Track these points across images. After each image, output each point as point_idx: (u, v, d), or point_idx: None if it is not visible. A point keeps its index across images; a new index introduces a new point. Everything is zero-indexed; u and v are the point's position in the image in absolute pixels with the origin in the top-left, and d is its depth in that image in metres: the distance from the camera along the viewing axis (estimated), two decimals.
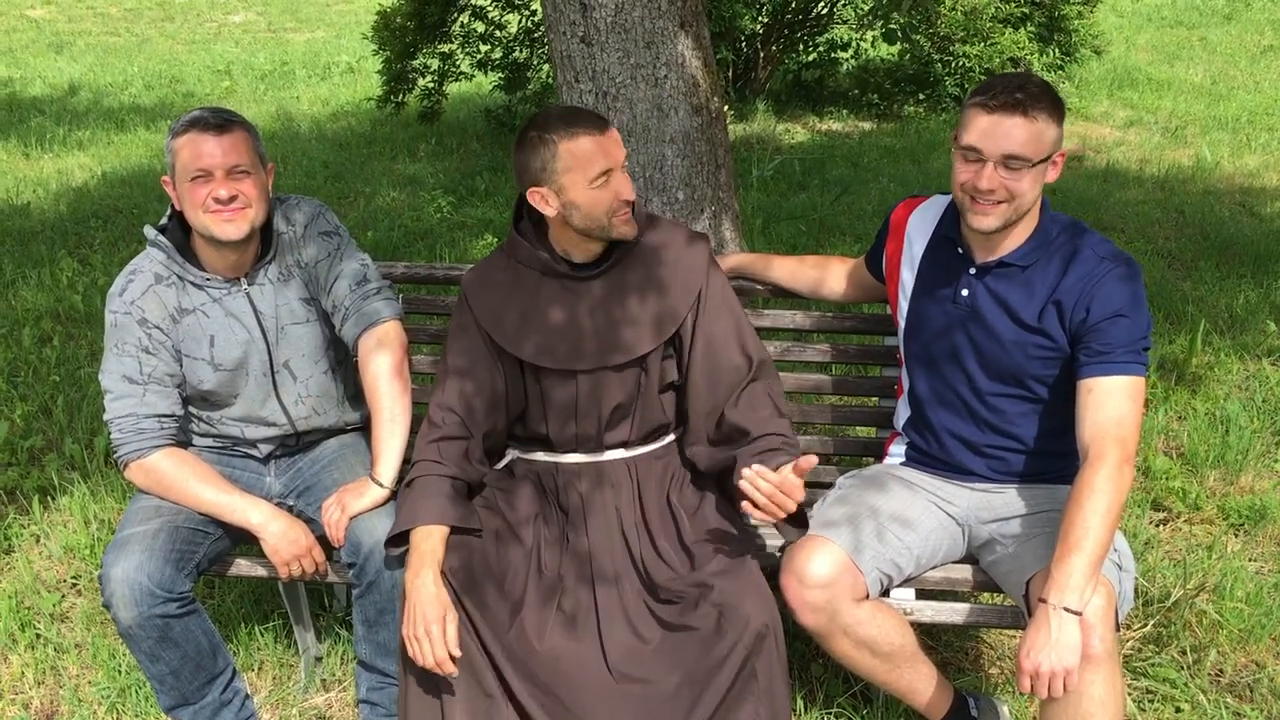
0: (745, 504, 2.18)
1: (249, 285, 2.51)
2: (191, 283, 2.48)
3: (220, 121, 2.36)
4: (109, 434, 2.47)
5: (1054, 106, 2.21)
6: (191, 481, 2.44)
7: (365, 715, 2.57)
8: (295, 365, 2.57)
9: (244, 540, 2.54)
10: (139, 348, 2.45)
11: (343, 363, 2.69)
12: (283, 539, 2.44)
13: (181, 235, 2.50)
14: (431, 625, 2.15)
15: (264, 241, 2.53)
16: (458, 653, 2.17)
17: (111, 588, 2.32)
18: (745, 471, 2.17)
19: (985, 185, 2.22)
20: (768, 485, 2.14)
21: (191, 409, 2.59)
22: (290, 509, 2.62)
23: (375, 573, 2.39)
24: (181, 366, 2.49)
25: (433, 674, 2.22)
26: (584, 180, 2.25)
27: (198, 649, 2.44)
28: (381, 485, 2.45)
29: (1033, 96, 2.17)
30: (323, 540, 2.51)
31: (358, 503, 2.43)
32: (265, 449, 2.65)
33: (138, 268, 2.49)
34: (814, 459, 2.13)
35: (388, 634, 2.45)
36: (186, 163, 2.34)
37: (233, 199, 2.35)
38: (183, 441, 2.54)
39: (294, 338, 2.56)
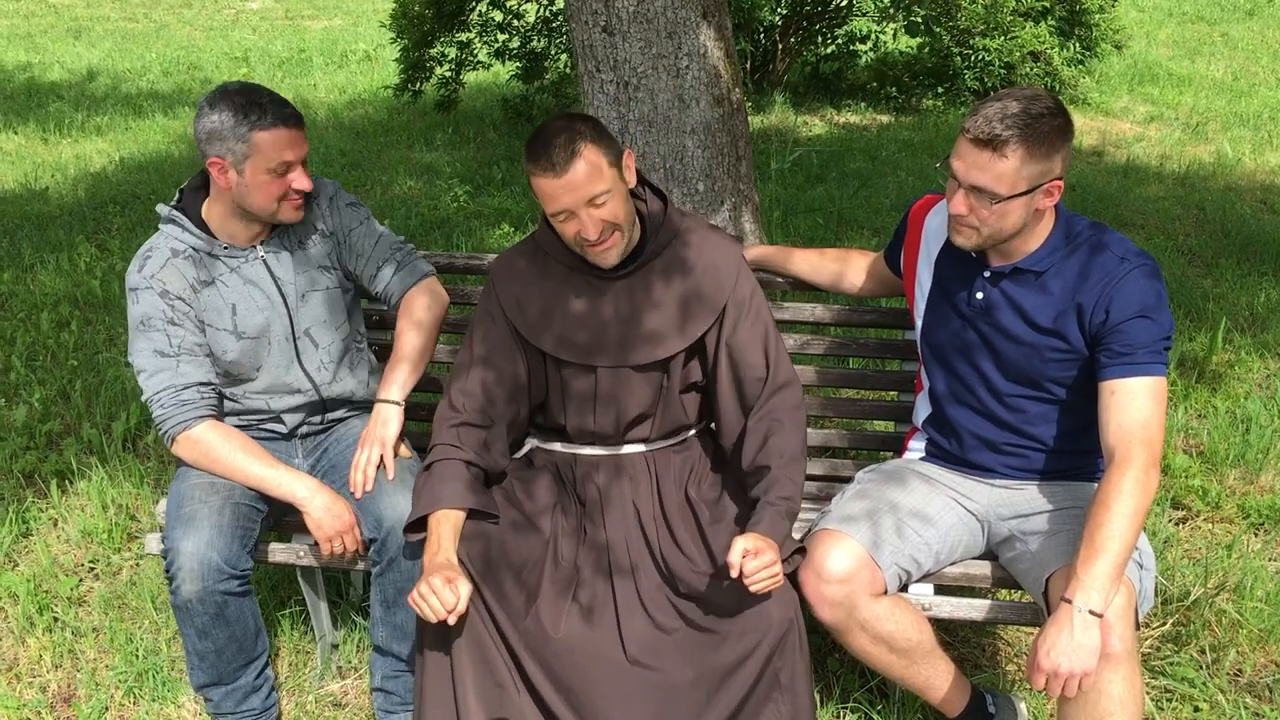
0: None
1: (264, 252, 2.54)
2: (208, 254, 2.51)
3: (296, 115, 2.44)
4: (151, 413, 2.49)
5: (1039, 142, 2.12)
6: (238, 454, 2.47)
7: (379, 704, 2.57)
8: (316, 333, 2.60)
9: (281, 519, 2.58)
10: (165, 320, 2.47)
11: (361, 336, 2.74)
12: (327, 514, 2.46)
13: (194, 211, 2.53)
14: (434, 578, 2.10)
15: None
16: (463, 605, 2.11)
17: (180, 561, 2.34)
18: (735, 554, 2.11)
19: (953, 210, 2.23)
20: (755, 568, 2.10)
21: (225, 402, 2.61)
22: None
23: (396, 549, 2.41)
24: (205, 337, 2.51)
25: (447, 661, 2.22)
26: (549, 210, 2.25)
27: (244, 630, 2.46)
28: (393, 402, 2.53)
29: (1014, 131, 2.10)
30: None
31: (385, 430, 2.50)
32: (292, 420, 2.66)
33: (153, 245, 2.52)
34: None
35: (405, 615, 2.46)
36: (271, 155, 2.38)
37: (300, 193, 2.47)
38: (220, 414, 2.56)
39: (314, 304, 2.59)
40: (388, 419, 2.53)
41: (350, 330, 2.69)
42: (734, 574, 2.10)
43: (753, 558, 2.09)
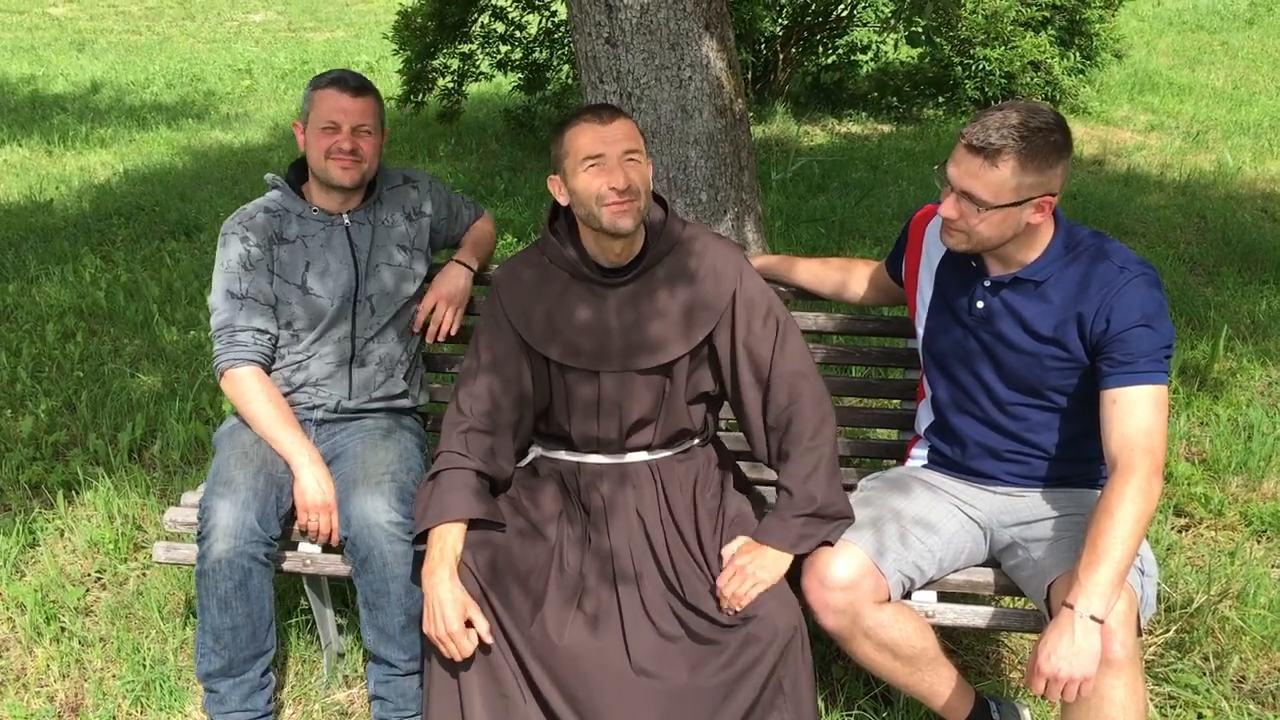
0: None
1: (349, 220, 2.76)
2: (298, 215, 2.74)
3: (358, 85, 2.69)
4: (212, 350, 2.71)
5: (1032, 156, 2.13)
6: (266, 403, 2.63)
7: (376, 712, 2.59)
8: (377, 301, 2.77)
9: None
10: (240, 264, 2.68)
11: (414, 334, 2.88)
12: (314, 485, 2.56)
13: (297, 180, 2.81)
14: (453, 626, 2.18)
15: (369, 189, 2.82)
16: (474, 644, 2.21)
17: (215, 520, 2.43)
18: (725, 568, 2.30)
19: (943, 213, 2.25)
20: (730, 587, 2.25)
21: (279, 344, 2.73)
22: None
23: (366, 549, 2.45)
24: (272, 286, 2.69)
25: (453, 671, 2.24)
26: (576, 164, 2.30)
27: (260, 613, 2.51)
28: (467, 265, 2.88)
29: (1009, 142, 2.11)
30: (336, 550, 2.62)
31: (454, 285, 2.84)
32: (318, 369, 2.75)
33: (252, 203, 2.78)
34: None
35: (385, 618, 2.49)
36: (322, 113, 2.65)
37: (352, 152, 2.66)
38: (269, 363, 2.71)
39: (383, 278, 2.77)
40: (458, 276, 2.86)
41: (406, 319, 2.84)
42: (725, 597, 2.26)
43: (734, 576, 2.26)
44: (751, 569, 2.25)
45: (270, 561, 2.52)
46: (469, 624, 2.20)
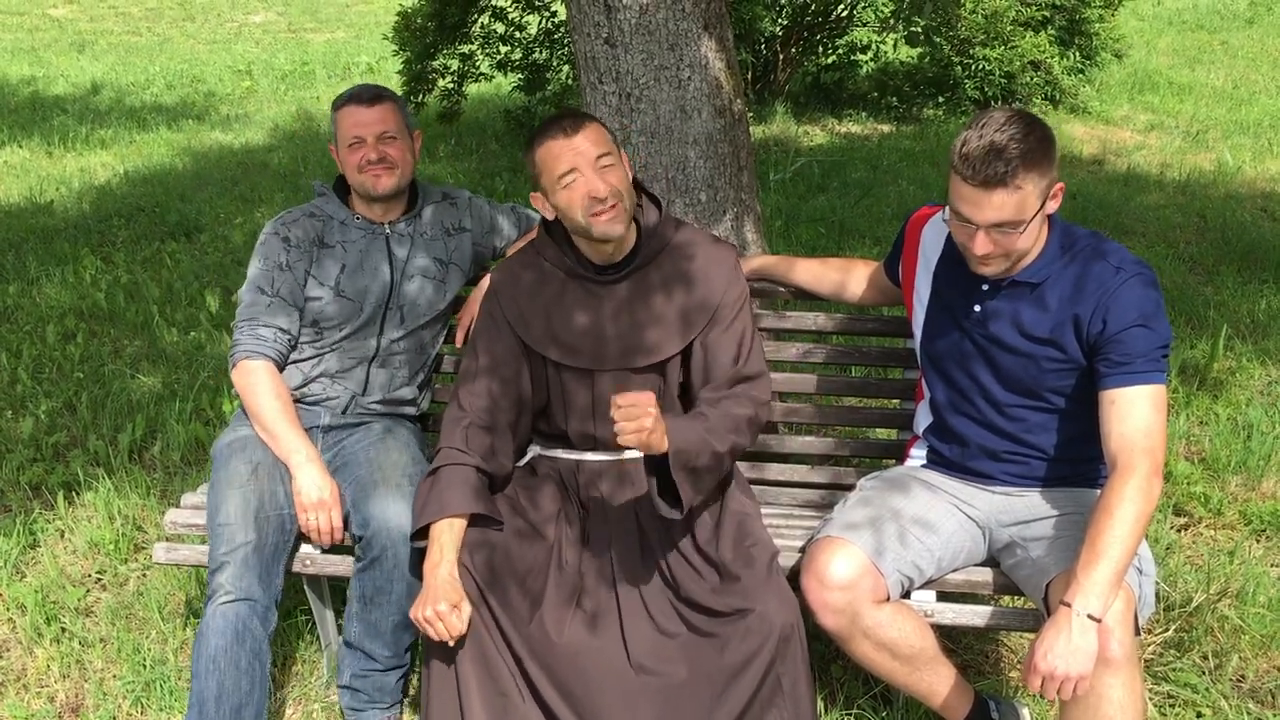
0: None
1: (390, 230, 2.82)
2: (340, 221, 2.82)
3: (374, 95, 2.76)
4: (233, 335, 2.73)
5: (1037, 159, 2.12)
6: (272, 401, 2.65)
7: (346, 702, 2.60)
8: (407, 310, 2.82)
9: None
10: (275, 263, 2.74)
11: (437, 342, 2.94)
12: (312, 485, 2.56)
13: (342, 189, 2.89)
14: (440, 605, 2.18)
15: (411, 200, 2.89)
16: (463, 625, 2.20)
17: (216, 581, 2.43)
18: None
19: (980, 251, 2.22)
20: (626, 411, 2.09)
21: (302, 339, 2.77)
22: None
23: (380, 549, 2.46)
24: (305, 287, 2.75)
25: (452, 670, 2.24)
26: (553, 182, 2.31)
27: (249, 692, 2.37)
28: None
29: (1014, 162, 2.10)
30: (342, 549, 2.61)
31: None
32: (336, 363, 2.78)
33: (299, 206, 2.87)
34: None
35: (380, 614, 2.51)
36: (346, 131, 2.73)
37: (382, 160, 2.72)
38: (284, 361, 2.75)
39: (415, 287, 2.82)
40: None
41: (434, 330, 2.90)
42: (612, 412, 2.10)
43: (629, 406, 2.08)
44: (652, 423, 2.11)
45: (266, 628, 2.44)
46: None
